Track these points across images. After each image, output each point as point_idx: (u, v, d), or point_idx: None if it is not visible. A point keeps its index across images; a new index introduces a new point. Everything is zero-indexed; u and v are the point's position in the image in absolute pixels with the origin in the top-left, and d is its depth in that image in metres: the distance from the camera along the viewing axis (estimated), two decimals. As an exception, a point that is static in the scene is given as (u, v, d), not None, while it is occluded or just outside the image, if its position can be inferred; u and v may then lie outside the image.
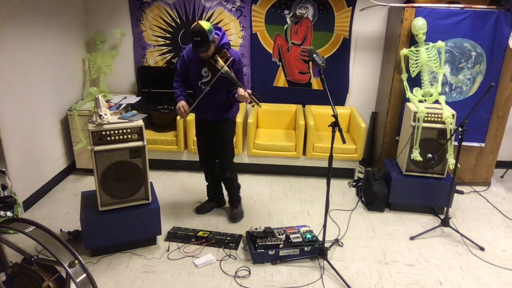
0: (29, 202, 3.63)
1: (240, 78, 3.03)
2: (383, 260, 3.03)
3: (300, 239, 3.00)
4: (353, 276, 2.84)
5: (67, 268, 1.79)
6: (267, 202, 3.83)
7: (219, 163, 3.43)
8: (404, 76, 3.78)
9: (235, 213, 3.50)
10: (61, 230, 3.24)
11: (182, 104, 3.09)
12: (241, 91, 2.92)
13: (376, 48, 4.46)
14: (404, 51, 3.71)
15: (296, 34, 4.44)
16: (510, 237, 3.39)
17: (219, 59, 2.91)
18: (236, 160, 3.54)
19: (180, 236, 3.22)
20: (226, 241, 3.17)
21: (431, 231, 3.37)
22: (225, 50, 2.94)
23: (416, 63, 3.66)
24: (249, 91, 2.94)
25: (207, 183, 3.60)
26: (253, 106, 2.99)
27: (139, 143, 2.84)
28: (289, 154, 4.21)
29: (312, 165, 4.28)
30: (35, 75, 3.68)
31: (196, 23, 2.80)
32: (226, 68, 2.90)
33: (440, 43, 3.58)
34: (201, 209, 3.60)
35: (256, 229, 3.10)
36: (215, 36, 2.87)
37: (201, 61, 3.00)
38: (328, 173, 2.75)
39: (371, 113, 4.69)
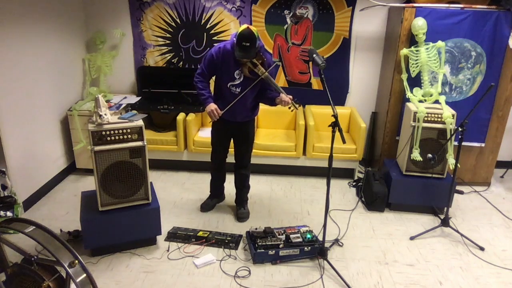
0: (29, 202, 3.63)
1: (275, 82, 3.05)
2: (383, 260, 3.03)
3: (300, 239, 3.00)
4: (353, 276, 2.84)
5: (67, 268, 1.79)
6: (267, 202, 3.83)
7: (238, 161, 3.44)
8: (404, 76, 3.78)
9: (242, 213, 3.52)
10: (61, 230, 3.24)
11: (215, 107, 3.04)
12: (284, 96, 2.96)
13: (376, 48, 4.46)
14: (404, 51, 3.71)
15: (296, 34, 4.44)
16: (510, 237, 3.39)
17: (258, 63, 2.91)
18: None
19: (180, 236, 3.22)
20: (226, 241, 3.17)
21: (431, 231, 3.37)
22: (261, 53, 2.96)
23: (416, 63, 3.66)
24: (290, 96, 2.97)
25: (213, 180, 3.60)
26: (292, 110, 3.01)
27: (139, 143, 2.84)
28: (289, 154, 4.21)
29: (312, 165, 4.28)
30: (35, 75, 3.68)
31: (246, 27, 2.79)
32: (267, 73, 2.93)
33: (440, 43, 3.58)
34: (206, 206, 3.62)
35: (256, 229, 3.10)
36: (259, 42, 2.88)
37: (235, 63, 2.98)
38: (328, 173, 2.75)
39: (371, 113, 4.69)
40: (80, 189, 3.92)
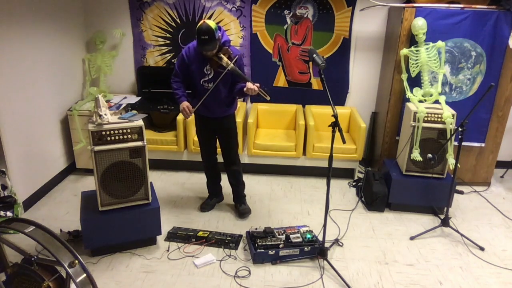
0: (29, 202, 3.63)
1: (243, 73, 3.10)
2: (383, 260, 3.03)
3: (300, 239, 3.00)
4: (353, 276, 2.84)
5: (67, 268, 1.79)
6: (267, 202, 3.83)
7: (225, 158, 3.47)
8: (404, 76, 3.78)
9: (243, 209, 3.54)
10: (61, 230, 3.24)
11: (186, 104, 3.12)
12: (249, 84, 2.98)
13: (376, 48, 4.46)
14: (404, 51, 3.71)
15: (296, 34, 4.44)
16: (510, 237, 3.39)
17: (223, 56, 2.97)
18: (236, 160, 3.54)
19: (180, 236, 3.22)
20: (226, 241, 3.17)
21: (431, 231, 3.37)
22: (227, 47, 3.01)
23: (416, 63, 3.66)
24: (257, 84, 3.00)
25: (208, 180, 3.63)
26: (262, 99, 3.04)
27: (139, 143, 2.84)
28: (289, 154, 4.21)
29: (312, 165, 4.28)
30: (35, 75, 3.68)
31: (202, 21, 2.86)
32: (232, 65, 2.96)
33: (440, 43, 3.58)
34: (206, 206, 3.63)
35: (256, 229, 3.10)
36: (219, 34, 2.93)
37: (203, 59, 3.05)
38: (328, 173, 2.75)
39: (371, 113, 4.69)
40: (80, 189, 3.92)
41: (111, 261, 2.94)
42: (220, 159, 3.54)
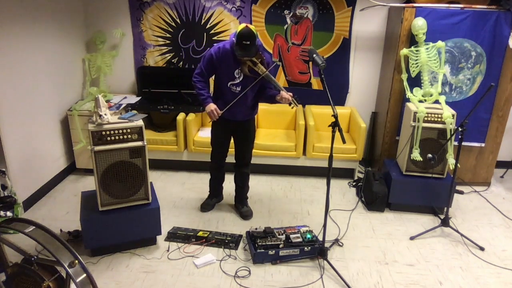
0: (29, 202, 3.63)
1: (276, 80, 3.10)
2: (383, 260, 3.03)
3: (300, 239, 3.00)
4: (353, 276, 2.84)
5: (67, 268, 1.79)
6: (267, 202, 3.83)
7: (239, 159, 3.45)
8: (404, 76, 3.78)
9: (246, 211, 3.55)
10: (61, 230, 3.24)
11: (214, 107, 3.07)
12: (284, 93, 2.99)
13: (376, 48, 4.46)
14: (404, 51, 3.71)
15: (296, 34, 4.44)
16: (510, 237, 3.39)
17: (258, 62, 2.95)
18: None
19: (180, 236, 3.22)
20: (226, 241, 3.17)
21: (431, 231, 3.37)
22: (260, 52, 2.98)
23: (416, 63, 3.66)
24: (291, 93, 3.01)
25: (213, 180, 3.61)
26: (292, 107, 3.04)
27: (139, 143, 2.84)
28: (289, 154, 4.21)
29: (312, 165, 4.28)
30: (35, 75, 3.68)
31: (244, 26, 2.83)
32: (267, 72, 2.96)
33: (440, 43, 3.58)
34: (206, 206, 3.62)
35: (256, 229, 3.10)
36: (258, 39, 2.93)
37: (234, 62, 3.00)
38: (328, 173, 2.75)
39: (371, 113, 4.69)
40: (80, 189, 3.92)
41: (111, 261, 2.94)
42: (227, 159, 3.52)
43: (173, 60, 4.61)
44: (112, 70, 4.42)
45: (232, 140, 3.43)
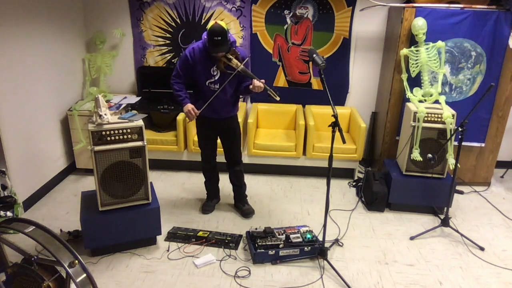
0: (29, 202, 3.63)
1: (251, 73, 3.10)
2: (383, 260, 3.03)
3: (300, 239, 3.00)
4: (353, 276, 2.84)
5: (67, 268, 1.79)
6: (267, 202, 3.83)
7: (229, 158, 3.46)
8: (404, 76, 3.78)
9: (247, 209, 3.55)
10: (61, 230, 3.24)
11: (191, 107, 3.09)
12: (255, 81, 2.96)
13: (376, 48, 4.46)
14: (404, 51, 3.71)
15: (296, 34, 4.44)
16: (510, 237, 3.39)
17: (232, 57, 2.95)
18: (236, 160, 3.54)
19: (180, 236, 3.22)
20: (226, 241, 3.17)
21: (431, 231, 3.37)
22: (234, 48, 3.00)
23: (416, 63, 3.66)
24: (263, 80, 2.99)
25: (208, 182, 3.61)
26: (270, 97, 3.02)
27: (139, 143, 2.84)
28: (289, 154, 4.21)
29: (312, 165, 4.28)
30: (35, 75, 3.68)
31: (214, 22, 2.84)
32: (242, 66, 2.96)
33: (440, 43, 3.58)
34: (208, 208, 3.62)
35: (256, 229, 3.10)
36: (229, 35, 2.93)
37: (209, 60, 3.02)
38: (328, 173, 2.75)
39: (371, 113, 4.69)
40: (80, 189, 3.92)
41: (111, 261, 2.94)
42: (219, 159, 3.53)
43: (173, 60, 4.61)
44: (112, 70, 4.42)
45: (219, 141, 3.43)
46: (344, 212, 3.69)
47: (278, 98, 3.01)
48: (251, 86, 3.00)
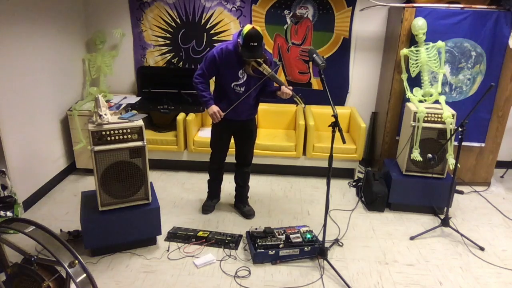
0: (29, 202, 3.63)
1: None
2: (383, 260, 3.03)
3: (300, 239, 3.00)
4: (353, 276, 2.84)
5: (67, 268, 1.79)
6: (267, 202, 3.83)
7: (241, 159, 3.46)
8: (404, 76, 3.78)
9: (248, 210, 3.56)
10: (61, 230, 3.24)
11: (217, 109, 3.07)
12: (284, 88, 3.00)
13: (376, 48, 4.46)
14: (404, 51, 3.71)
15: (296, 34, 4.44)
16: (510, 237, 3.39)
17: (262, 62, 2.96)
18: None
19: (180, 236, 3.22)
20: (226, 241, 3.17)
21: (431, 231, 3.37)
22: (263, 52, 3.00)
23: (416, 63, 3.66)
24: (291, 87, 3.02)
25: (212, 182, 3.59)
26: (297, 106, 3.04)
27: (139, 143, 2.84)
28: (289, 154, 4.21)
29: (312, 165, 4.28)
30: (35, 75, 3.68)
31: (251, 27, 2.81)
32: (272, 72, 2.98)
33: (440, 43, 3.58)
34: (208, 208, 3.61)
35: (256, 229, 3.10)
36: None
37: (238, 63, 2.99)
38: (328, 173, 2.75)
39: (371, 113, 4.69)
40: (80, 189, 3.92)
41: (111, 261, 2.94)
42: (226, 160, 3.52)
43: (173, 60, 4.61)
44: (112, 70, 4.42)
45: (232, 140, 3.42)
46: (344, 212, 3.69)
47: (303, 106, 3.07)
48: (278, 92, 3.03)
